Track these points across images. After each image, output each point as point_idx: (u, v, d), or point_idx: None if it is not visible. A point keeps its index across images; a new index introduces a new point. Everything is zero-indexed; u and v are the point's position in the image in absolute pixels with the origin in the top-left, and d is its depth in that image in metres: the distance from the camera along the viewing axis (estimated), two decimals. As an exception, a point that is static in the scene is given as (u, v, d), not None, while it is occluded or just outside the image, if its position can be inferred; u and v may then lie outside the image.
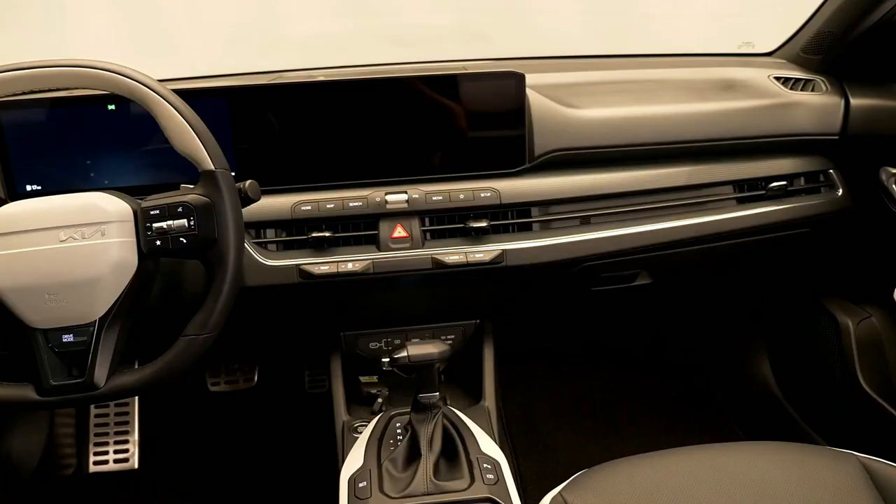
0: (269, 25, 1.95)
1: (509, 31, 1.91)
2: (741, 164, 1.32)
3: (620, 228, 1.25)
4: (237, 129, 1.18)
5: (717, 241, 1.31)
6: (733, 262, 1.52)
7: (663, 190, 1.28)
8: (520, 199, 1.22)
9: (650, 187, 1.27)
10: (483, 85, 1.20)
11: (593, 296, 1.47)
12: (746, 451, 1.03)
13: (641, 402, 1.98)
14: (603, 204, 1.26)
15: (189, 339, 0.94)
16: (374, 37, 1.91)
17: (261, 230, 1.20)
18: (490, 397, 1.34)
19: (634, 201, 1.28)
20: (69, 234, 0.91)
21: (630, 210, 1.27)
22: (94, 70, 0.93)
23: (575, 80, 1.39)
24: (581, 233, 1.24)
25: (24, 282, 0.91)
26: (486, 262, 1.19)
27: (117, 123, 1.17)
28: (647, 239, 1.26)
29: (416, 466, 1.03)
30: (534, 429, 1.90)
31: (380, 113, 1.20)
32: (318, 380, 1.99)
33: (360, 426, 1.27)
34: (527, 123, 1.23)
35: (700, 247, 1.30)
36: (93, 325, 0.93)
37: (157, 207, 0.93)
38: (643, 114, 1.29)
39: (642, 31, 1.95)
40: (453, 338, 1.39)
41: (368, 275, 1.18)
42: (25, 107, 1.16)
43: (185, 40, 1.91)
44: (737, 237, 1.32)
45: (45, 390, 0.93)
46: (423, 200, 1.20)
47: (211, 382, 1.99)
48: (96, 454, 1.89)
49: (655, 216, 1.28)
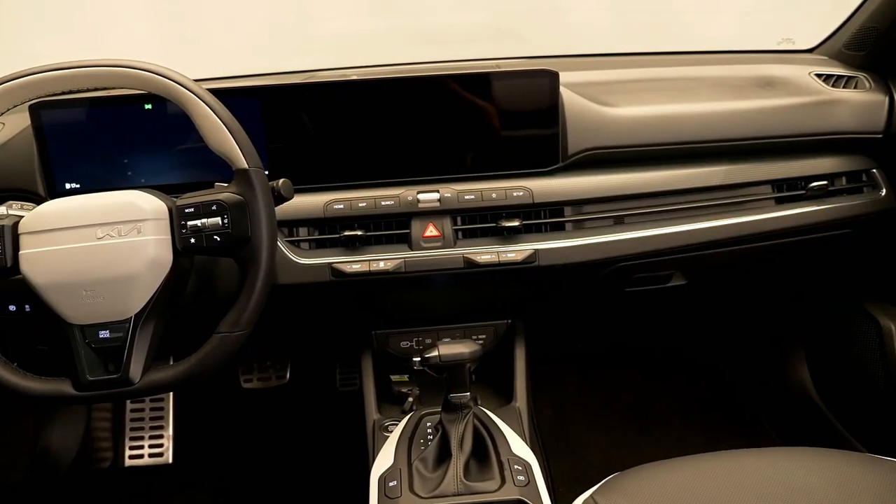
0: (302, 25, 1.96)
1: (542, 30, 1.89)
2: (780, 164, 1.29)
3: (655, 228, 1.23)
4: (271, 128, 1.18)
5: (755, 242, 1.28)
6: (771, 263, 1.49)
7: (699, 189, 1.26)
8: (552, 198, 1.21)
9: (686, 187, 1.25)
10: (517, 83, 1.19)
11: (626, 296, 1.45)
12: (784, 457, 1.00)
13: (673, 404, 1.95)
14: (637, 203, 1.24)
15: (222, 337, 0.94)
16: (407, 36, 1.91)
17: (293, 228, 1.20)
18: (521, 398, 1.33)
19: (669, 201, 1.25)
20: (106, 232, 0.92)
21: (665, 210, 1.25)
22: (131, 70, 0.95)
23: (609, 78, 1.37)
24: (615, 233, 1.22)
25: (62, 278, 0.92)
26: (518, 261, 1.18)
27: (154, 123, 1.18)
28: (682, 239, 1.24)
29: (447, 466, 1.02)
30: (564, 430, 1.88)
31: (412, 112, 1.20)
32: (350, 378, 2.00)
33: (391, 425, 1.27)
34: (560, 122, 1.22)
35: (737, 248, 1.27)
36: (128, 321, 0.94)
37: (191, 205, 0.94)
38: (679, 112, 1.27)
39: (678, 27, 1.92)
40: (484, 338, 1.39)
41: (400, 274, 1.17)
42: (65, 107, 1.18)
43: (219, 41, 1.93)
44: (775, 238, 1.29)
45: (81, 385, 0.94)
46: (455, 199, 1.19)
47: (244, 379, 2.01)
48: (132, 448, 1.92)
49: (691, 216, 1.25)
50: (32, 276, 0.92)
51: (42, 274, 0.92)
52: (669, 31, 1.90)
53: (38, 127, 1.17)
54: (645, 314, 1.96)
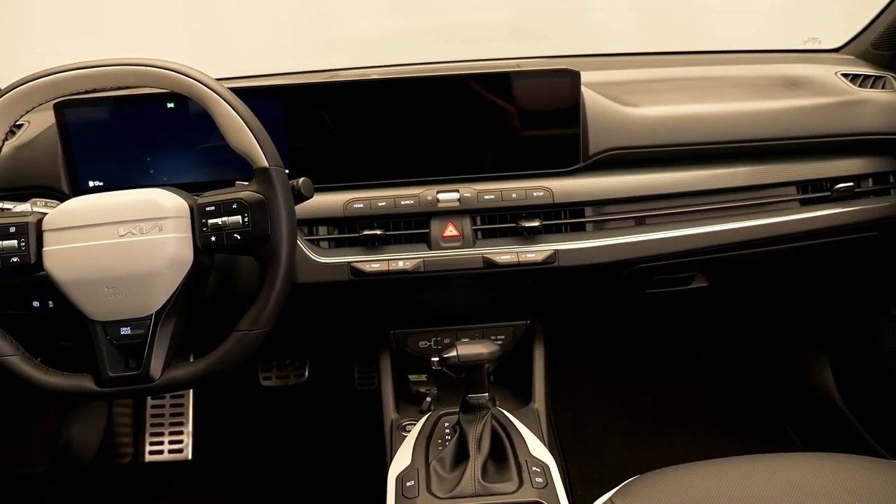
0: (324, 25, 1.97)
1: (563, 29, 1.88)
2: (805, 165, 1.27)
3: (677, 230, 1.22)
4: (292, 127, 1.19)
5: (779, 244, 1.26)
6: (795, 265, 1.47)
7: (722, 190, 1.24)
8: (573, 198, 1.20)
9: (709, 188, 1.23)
10: (537, 82, 1.19)
11: (647, 298, 1.44)
12: (806, 462, 0.99)
13: (693, 407, 1.94)
14: (659, 204, 1.23)
15: (241, 334, 0.95)
16: (428, 35, 1.91)
17: (313, 227, 1.21)
18: (540, 399, 1.32)
19: (692, 202, 1.24)
20: (128, 230, 0.93)
21: (687, 211, 1.24)
22: (154, 69, 0.95)
23: (631, 78, 1.36)
24: (636, 234, 1.21)
25: (84, 275, 0.93)
26: (537, 262, 1.18)
27: (176, 121, 1.19)
28: (704, 241, 1.23)
29: (464, 467, 1.02)
30: (583, 432, 1.87)
31: (433, 111, 1.19)
32: (368, 377, 2.00)
33: (409, 425, 1.27)
34: (581, 122, 1.21)
35: (760, 250, 1.26)
36: (149, 318, 0.94)
37: (212, 204, 0.94)
38: (702, 112, 1.25)
39: (701, 26, 1.90)
40: (503, 338, 1.38)
41: (419, 273, 1.17)
42: (89, 105, 1.19)
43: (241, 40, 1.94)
44: (800, 240, 1.27)
45: (103, 381, 0.95)
46: (474, 199, 1.19)
47: (263, 377, 2.02)
48: (152, 444, 1.94)
49: (714, 217, 1.24)
50: (55, 272, 0.93)
51: (65, 270, 0.93)
52: (692, 30, 1.88)
53: (63, 125, 1.19)
54: (665, 316, 1.94)
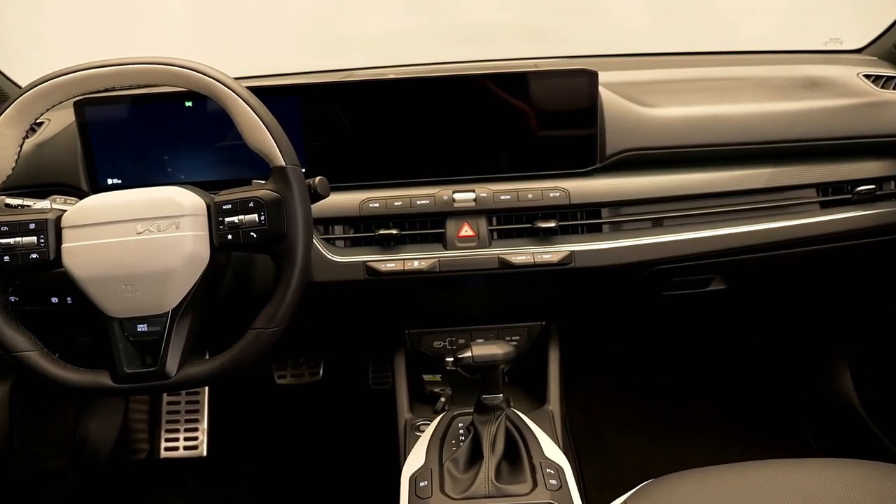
0: (341, 25, 1.97)
1: (581, 29, 1.87)
2: (825, 167, 1.26)
3: (695, 231, 1.21)
4: (308, 126, 1.19)
5: (799, 247, 1.25)
6: (815, 269, 1.45)
7: (741, 192, 1.23)
8: (590, 199, 1.19)
9: (727, 189, 1.22)
10: (555, 83, 1.18)
11: (663, 300, 1.43)
12: (824, 468, 0.97)
13: (709, 410, 1.92)
14: (677, 206, 1.22)
15: (257, 332, 0.95)
16: (445, 35, 1.91)
17: (329, 226, 1.21)
18: (554, 401, 1.31)
19: (710, 203, 1.23)
20: (146, 227, 0.94)
21: (705, 213, 1.23)
22: (172, 67, 0.96)
23: (650, 78, 1.35)
24: (653, 235, 1.20)
25: (102, 272, 0.94)
26: (553, 263, 1.17)
27: (194, 120, 1.20)
28: (722, 243, 1.21)
29: (478, 468, 1.01)
30: (597, 434, 1.86)
31: (450, 111, 1.19)
32: (382, 376, 2.00)
33: (423, 425, 1.26)
34: (599, 122, 1.20)
35: (780, 252, 1.24)
36: (166, 315, 0.95)
37: (229, 202, 0.95)
38: (721, 113, 1.24)
39: (721, 26, 1.88)
40: (518, 339, 1.38)
41: (434, 273, 1.17)
42: (108, 103, 1.20)
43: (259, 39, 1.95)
44: (820, 243, 1.25)
45: (119, 378, 0.96)
46: (490, 199, 1.18)
47: (277, 375, 2.02)
48: (167, 440, 1.95)
49: (732, 219, 1.22)
50: (74, 269, 0.94)
51: (83, 267, 0.94)
52: (711, 30, 1.87)
53: (83, 123, 1.20)
54: (682, 318, 1.93)
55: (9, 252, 0.94)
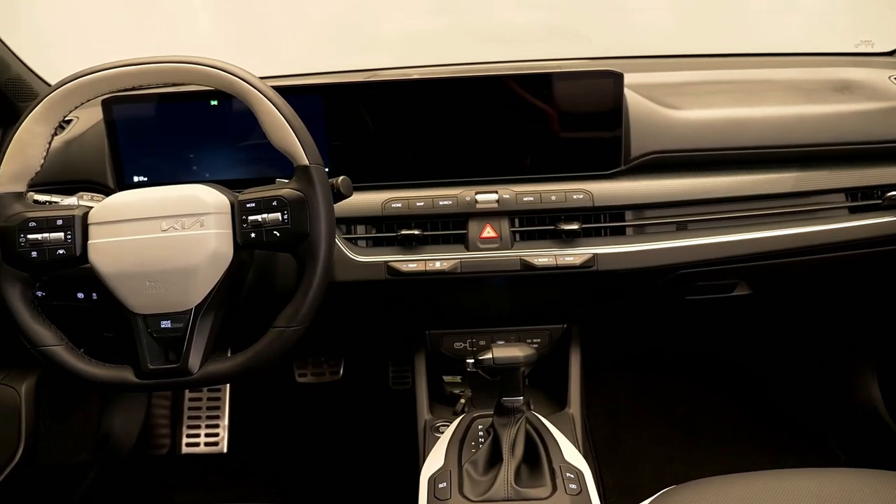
0: (365, 25, 1.98)
1: (606, 30, 1.86)
2: (855, 171, 1.24)
3: (720, 236, 1.20)
4: (332, 125, 1.19)
5: (826, 253, 1.23)
6: (843, 275, 1.43)
7: (768, 196, 1.21)
8: (613, 202, 1.19)
9: (753, 193, 1.21)
10: (580, 84, 1.17)
11: (686, 304, 1.41)
12: (850, 479, 0.96)
13: (732, 417, 1.89)
14: (702, 209, 1.21)
15: (279, 331, 0.95)
16: (469, 35, 1.91)
17: (351, 226, 1.21)
18: (575, 404, 1.31)
19: (736, 207, 1.21)
20: (171, 224, 0.94)
21: (731, 217, 1.21)
22: (198, 66, 0.97)
23: (675, 80, 1.34)
24: (677, 239, 1.19)
25: (127, 268, 0.94)
26: (576, 265, 1.16)
27: (219, 119, 1.21)
28: (748, 248, 1.20)
29: (497, 471, 1.01)
30: (618, 439, 1.85)
31: (473, 111, 1.19)
32: (402, 377, 2.00)
33: (442, 426, 1.26)
34: (624, 124, 1.19)
35: (807, 258, 1.22)
36: (189, 312, 0.96)
37: (253, 200, 0.95)
38: (748, 115, 1.23)
39: (749, 28, 1.86)
40: (539, 342, 1.37)
41: (456, 274, 1.17)
42: (135, 102, 1.21)
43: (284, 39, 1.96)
44: (848, 249, 1.23)
45: (143, 373, 0.97)
46: (513, 201, 1.18)
47: (298, 374, 2.03)
48: (189, 436, 1.97)
49: (758, 224, 1.21)
50: (100, 265, 0.95)
51: (109, 263, 0.95)
52: (738, 31, 1.84)
53: (110, 121, 1.21)
54: (705, 323, 1.91)
55: (36, 248, 0.95)
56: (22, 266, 0.96)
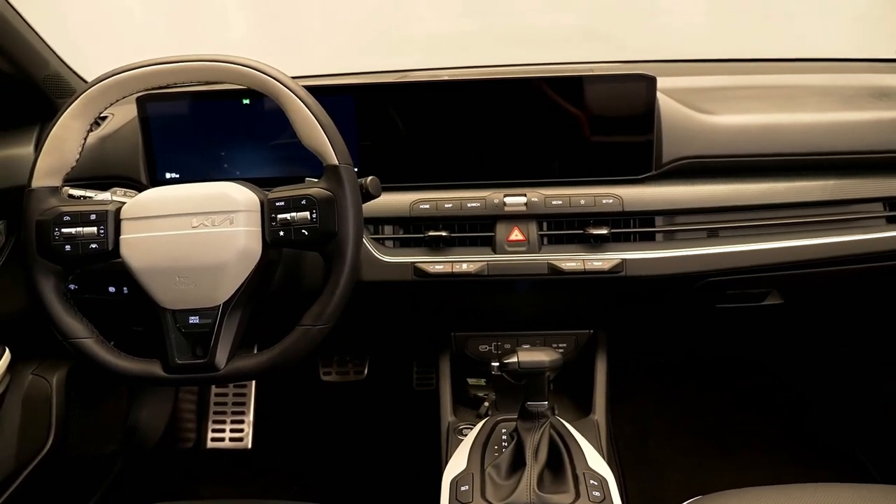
0: (396, 26, 1.98)
1: (639, 33, 1.85)
2: (893, 180, 1.20)
3: (752, 244, 1.17)
4: (362, 126, 1.20)
5: (862, 263, 1.20)
6: (880, 286, 1.39)
7: (802, 204, 1.19)
8: (643, 207, 1.17)
9: (788, 201, 1.18)
10: (611, 87, 1.16)
11: (716, 312, 1.39)
12: (881, 494, 0.93)
13: (760, 428, 1.86)
14: (734, 216, 1.19)
15: (305, 329, 0.96)
16: (500, 37, 1.90)
17: (379, 226, 1.21)
18: (600, 411, 1.29)
19: (769, 215, 1.19)
20: (201, 221, 0.95)
21: (763, 224, 1.19)
22: (232, 65, 0.97)
23: (709, 85, 1.33)
24: (708, 246, 1.17)
25: (157, 263, 0.96)
26: (604, 270, 1.15)
27: (251, 117, 1.22)
28: (781, 256, 1.17)
29: (520, 475, 1.00)
30: (643, 446, 1.83)
31: (503, 114, 1.18)
32: (426, 378, 2.00)
33: (466, 428, 1.26)
34: (656, 129, 1.18)
35: (842, 268, 1.20)
36: (217, 308, 0.96)
37: (282, 199, 0.96)
38: (784, 122, 1.20)
39: (784, 33, 1.83)
40: (565, 346, 1.36)
41: (483, 277, 1.16)
42: (169, 99, 1.23)
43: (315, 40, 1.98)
44: (885, 259, 1.20)
45: (170, 368, 0.98)
46: (542, 204, 1.17)
47: (323, 372, 2.05)
48: (214, 431, 1.99)
49: (792, 232, 1.19)
50: (131, 260, 0.96)
51: (140, 258, 0.96)
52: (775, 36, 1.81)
53: (144, 118, 1.23)
54: (735, 332, 1.88)
55: (70, 241, 0.97)
56: (56, 259, 0.98)
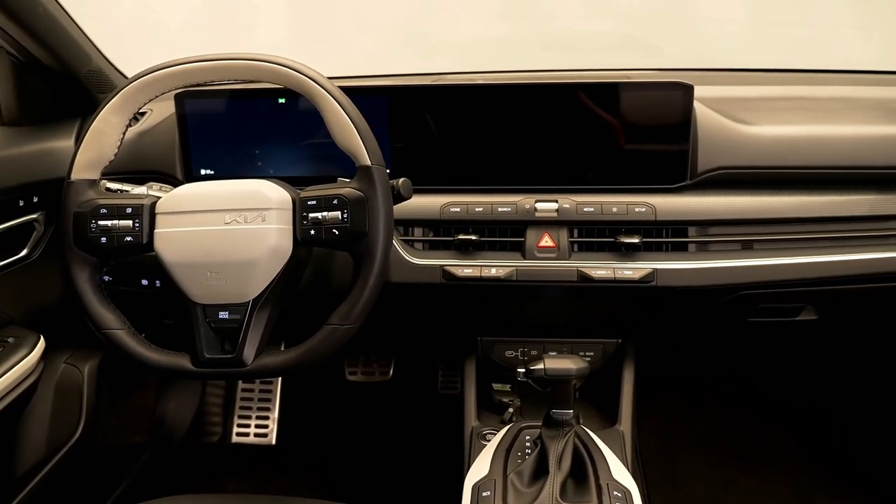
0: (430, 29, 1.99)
1: (677, 41, 1.82)
2: (937, 197, 1.18)
3: (787, 257, 1.15)
4: (395, 127, 1.20)
5: (902, 281, 1.17)
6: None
7: (841, 219, 1.16)
8: (677, 216, 1.16)
9: (826, 215, 1.16)
10: (647, 95, 1.15)
11: (748, 326, 1.37)
12: None
13: (789, 446, 1.83)
14: (769, 229, 1.17)
15: (332, 328, 0.96)
16: (534, 42, 1.90)
17: (409, 228, 1.21)
18: (626, 422, 1.28)
19: (806, 229, 1.17)
20: (233, 217, 0.96)
21: (800, 238, 1.17)
22: (269, 64, 0.98)
23: (748, 95, 1.30)
24: (742, 258, 1.15)
25: (190, 258, 0.97)
26: (634, 280, 1.14)
27: (285, 117, 1.23)
28: (817, 271, 1.15)
29: (543, 483, 0.99)
30: (668, 459, 1.80)
31: (537, 119, 1.18)
32: (451, 382, 2.00)
33: (489, 434, 1.25)
34: (692, 138, 1.16)
35: (880, 285, 1.17)
36: (246, 305, 0.97)
37: (314, 198, 0.96)
38: (824, 134, 1.18)
39: (825, 43, 1.79)
40: (592, 355, 1.35)
41: (511, 282, 1.16)
42: (207, 97, 1.24)
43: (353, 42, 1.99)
44: None
45: (199, 362, 0.99)
46: (573, 211, 1.16)
47: (349, 371, 2.05)
48: (239, 426, 2.01)
49: (829, 247, 1.16)
50: (164, 253, 0.98)
51: (173, 252, 0.97)
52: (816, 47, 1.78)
53: (182, 115, 1.24)
54: (766, 346, 1.84)
55: (106, 234, 0.98)
56: (91, 250, 0.99)
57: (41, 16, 1.17)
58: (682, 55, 1.76)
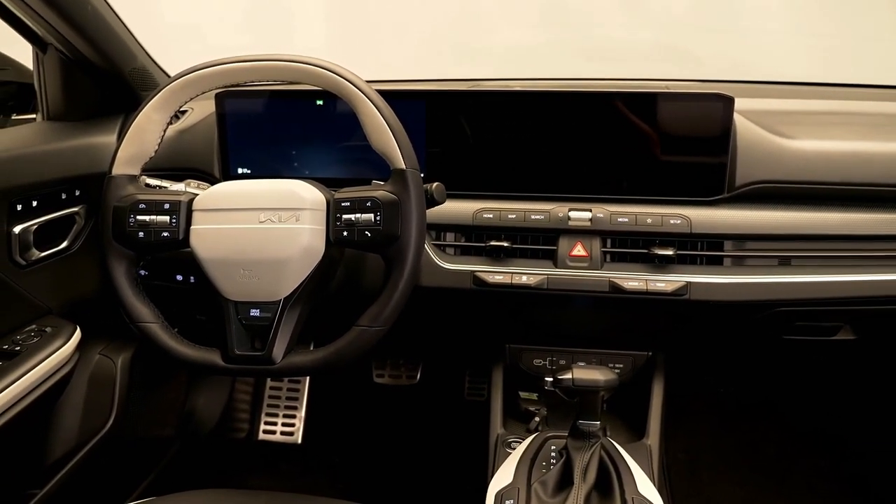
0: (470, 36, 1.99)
1: (718, 52, 1.80)
2: None
3: (826, 275, 1.13)
4: (431, 131, 1.20)
5: (946, 304, 1.14)
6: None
7: (883, 237, 1.13)
8: (713, 229, 1.14)
9: (868, 233, 1.13)
10: (686, 106, 1.13)
11: (782, 344, 1.34)
12: None
13: (822, 467, 1.78)
14: (808, 245, 1.14)
15: (361, 330, 0.96)
16: (572, 50, 1.89)
17: (441, 233, 1.21)
18: (654, 436, 1.26)
19: (846, 246, 1.14)
20: (268, 217, 0.97)
21: (839, 255, 1.14)
22: (308, 66, 0.99)
23: (790, 108, 1.28)
24: (779, 274, 1.13)
25: (224, 255, 0.98)
26: (667, 292, 1.12)
27: (323, 118, 1.24)
28: (856, 290, 1.12)
29: (567, 495, 0.98)
30: (696, 476, 1.77)
31: (573, 127, 1.17)
32: (478, 388, 1.99)
33: (514, 442, 1.24)
34: (731, 150, 1.14)
35: (922, 307, 1.14)
36: (278, 303, 0.98)
37: (347, 200, 0.97)
38: (869, 150, 1.15)
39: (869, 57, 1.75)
40: (622, 367, 1.33)
41: (542, 290, 1.15)
42: (246, 97, 1.26)
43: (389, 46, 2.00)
44: None
45: (229, 358, 1.00)
46: (607, 220, 1.15)
47: (376, 374, 2.06)
48: (266, 424, 2.02)
49: (870, 266, 1.13)
50: (199, 250, 0.99)
51: (208, 249, 0.99)
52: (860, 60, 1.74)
53: (221, 114, 1.26)
54: (800, 365, 1.80)
55: (144, 229, 1.00)
56: (129, 245, 1.01)
57: (90, 14, 1.20)
58: (724, 67, 1.74)
